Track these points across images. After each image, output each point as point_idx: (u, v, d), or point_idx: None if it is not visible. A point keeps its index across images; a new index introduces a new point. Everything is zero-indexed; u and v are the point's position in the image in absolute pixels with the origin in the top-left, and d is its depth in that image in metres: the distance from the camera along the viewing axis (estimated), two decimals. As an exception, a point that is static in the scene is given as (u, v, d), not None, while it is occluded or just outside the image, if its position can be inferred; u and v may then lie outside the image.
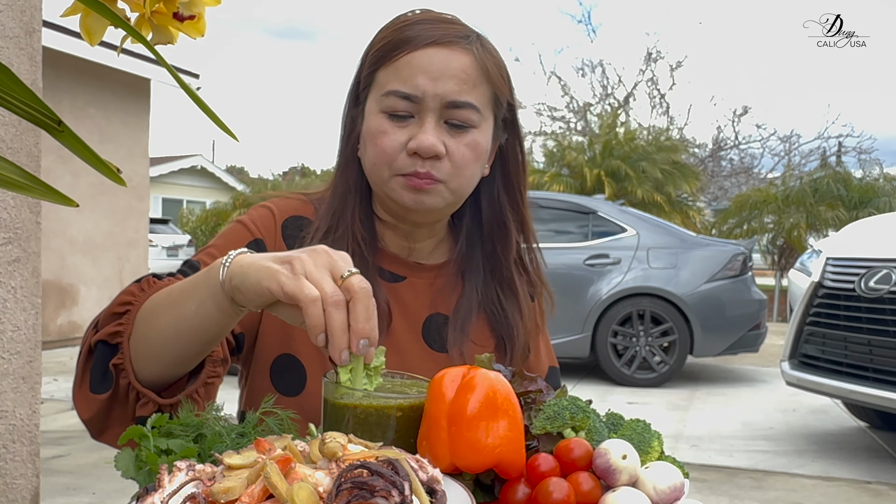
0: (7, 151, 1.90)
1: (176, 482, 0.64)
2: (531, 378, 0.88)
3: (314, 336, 0.77)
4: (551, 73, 22.72)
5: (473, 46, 1.08)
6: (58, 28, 7.66)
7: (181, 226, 20.49)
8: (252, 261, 0.82)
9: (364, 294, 0.78)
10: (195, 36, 0.86)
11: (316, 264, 0.79)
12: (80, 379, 0.95)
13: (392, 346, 1.11)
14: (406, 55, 1.06)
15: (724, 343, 7.05)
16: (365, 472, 0.61)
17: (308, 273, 0.78)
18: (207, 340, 0.90)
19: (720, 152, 22.29)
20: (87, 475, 4.03)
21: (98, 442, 0.97)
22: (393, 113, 1.06)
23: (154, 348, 0.90)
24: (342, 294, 0.77)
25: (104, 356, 0.93)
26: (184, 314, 0.87)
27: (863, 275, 4.32)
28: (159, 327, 0.89)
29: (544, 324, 1.30)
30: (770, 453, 4.81)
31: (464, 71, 1.06)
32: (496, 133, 1.15)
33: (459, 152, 1.07)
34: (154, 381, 0.93)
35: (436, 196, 1.08)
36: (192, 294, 0.87)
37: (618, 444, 0.78)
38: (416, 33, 1.06)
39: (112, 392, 0.92)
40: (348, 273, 0.79)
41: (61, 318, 8.84)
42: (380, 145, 1.07)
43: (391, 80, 1.07)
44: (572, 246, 7.16)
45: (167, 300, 0.90)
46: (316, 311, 0.76)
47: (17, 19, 1.93)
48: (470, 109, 1.07)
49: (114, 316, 0.93)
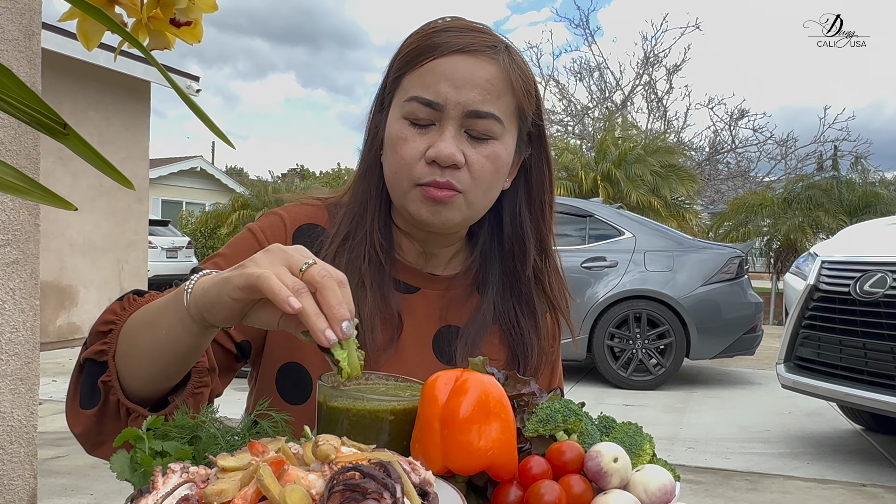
0: (6, 153, 1.90)
1: (170, 484, 0.65)
2: (524, 381, 0.89)
3: (281, 302, 0.73)
4: (549, 77, 22.69)
5: (500, 56, 1.06)
6: (57, 30, 7.66)
7: (181, 227, 20.47)
8: (211, 279, 0.82)
9: (328, 280, 0.76)
10: (191, 42, 0.86)
11: (271, 262, 0.77)
12: (71, 394, 0.97)
13: (400, 356, 1.10)
14: (431, 61, 1.05)
15: (721, 346, 7.07)
16: (357, 474, 0.61)
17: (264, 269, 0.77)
18: (182, 359, 0.90)
19: (717, 156, 22.32)
20: (84, 476, 4.03)
21: (93, 456, 0.98)
22: (414, 120, 1.05)
23: (135, 367, 0.91)
24: (303, 284, 0.76)
25: (93, 373, 0.94)
26: (157, 336, 0.87)
27: (858, 278, 4.33)
28: (137, 347, 0.90)
29: (559, 346, 1.27)
30: (765, 455, 4.83)
31: (488, 81, 1.04)
32: (519, 146, 1.13)
33: (479, 163, 1.05)
34: (142, 395, 0.94)
35: (453, 210, 1.06)
36: (163, 317, 0.87)
37: (609, 447, 0.79)
38: (444, 40, 1.05)
39: (101, 407, 0.93)
40: (306, 265, 0.77)
41: (60, 319, 8.84)
42: (399, 153, 1.06)
43: (414, 86, 1.05)
44: (569, 249, 7.17)
45: (142, 321, 0.91)
46: (275, 283, 0.74)
47: (16, 22, 1.94)
48: (492, 120, 1.05)
49: (99, 335, 0.94)
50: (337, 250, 1.11)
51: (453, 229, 1.12)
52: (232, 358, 1.09)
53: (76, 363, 0.97)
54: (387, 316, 1.10)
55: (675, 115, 24.71)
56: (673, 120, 22.68)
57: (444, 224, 1.08)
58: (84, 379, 0.95)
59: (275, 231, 1.13)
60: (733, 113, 22.51)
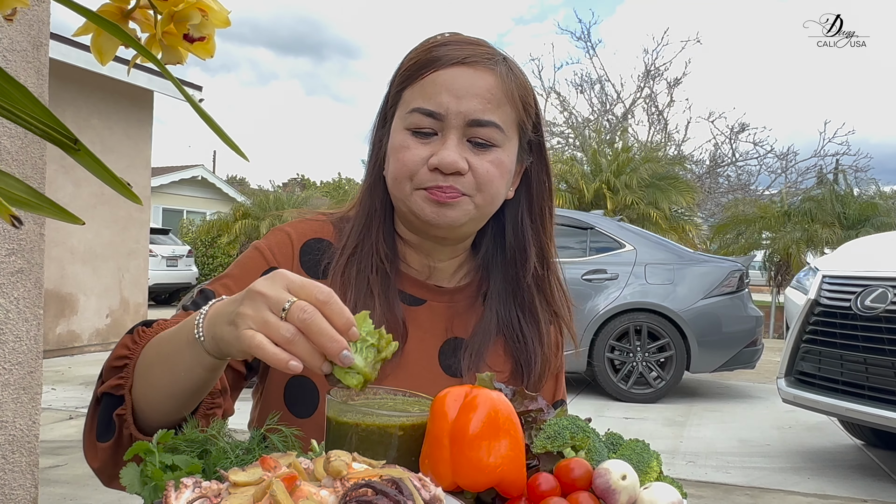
0: (13, 163, 1.91)
1: (182, 499, 0.65)
2: (532, 397, 0.89)
3: (283, 368, 0.76)
4: (550, 89, 22.77)
5: (499, 67, 1.08)
6: (62, 39, 7.70)
7: (181, 236, 20.49)
8: (220, 318, 0.81)
9: (310, 320, 0.75)
10: (204, 57, 0.87)
11: (256, 310, 0.77)
12: (88, 427, 0.97)
13: (406, 369, 1.11)
14: (432, 73, 1.07)
15: (721, 359, 7.07)
16: (370, 490, 0.62)
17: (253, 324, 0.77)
18: (199, 391, 0.90)
19: (717, 169, 22.38)
20: (84, 486, 4.02)
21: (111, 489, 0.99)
22: (416, 129, 1.07)
23: (153, 402, 0.92)
24: (292, 328, 0.76)
25: (109, 406, 0.95)
26: (174, 374, 0.88)
27: (859, 293, 4.34)
28: (154, 385, 0.90)
29: (563, 357, 1.28)
30: (766, 470, 4.82)
31: (488, 90, 1.06)
32: (521, 155, 1.14)
33: (483, 168, 1.07)
34: (158, 425, 0.94)
35: (459, 210, 1.07)
36: (178, 357, 0.87)
37: (617, 465, 0.79)
38: (443, 53, 1.07)
39: (116, 440, 0.94)
40: (284, 310, 0.76)
41: (60, 327, 8.83)
42: (401, 159, 1.07)
43: (416, 98, 1.07)
44: (570, 261, 7.18)
45: (158, 357, 0.91)
46: (270, 350, 0.75)
47: (24, 33, 1.95)
48: (493, 128, 1.07)
49: (114, 370, 0.95)
50: (347, 262, 1.13)
51: (459, 232, 1.12)
52: (241, 377, 1.10)
53: (93, 396, 0.98)
54: (393, 326, 1.11)
55: (676, 129, 24.82)
56: (673, 133, 22.77)
57: (451, 224, 1.08)
58: (101, 412, 0.96)
59: (282, 249, 1.14)
60: (734, 126, 22.63)
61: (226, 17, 0.87)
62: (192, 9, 0.70)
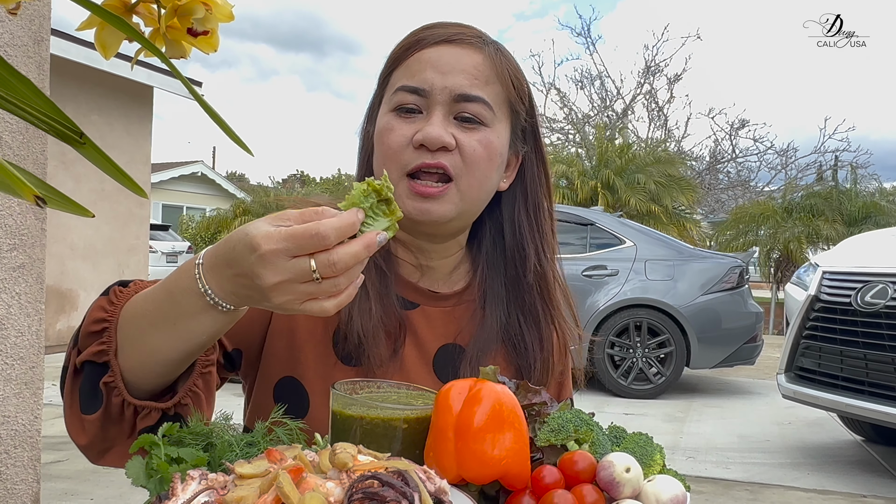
0: (14, 158, 1.91)
1: (189, 491, 0.66)
2: (535, 390, 0.89)
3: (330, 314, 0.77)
4: (550, 85, 22.75)
5: (487, 48, 1.05)
6: (62, 35, 7.69)
7: (181, 232, 20.51)
8: (229, 285, 0.78)
9: (340, 266, 0.73)
10: (208, 51, 0.87)
11: (292, 291, 0.74)
12: (69, 401, 0.91)
13: (401, 374, 1.07)
14: (417, 52, 1.04)
15: (721, 355, 7.07)
16: (376, 482, 0.62)
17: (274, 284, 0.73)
18: (201, 347, 0.86)
19: (717, 165, 22.37)
20: (85, 481, 4.02)
21: (99, 466, 0.94)
22: (401, 106, 1.03)
23: (145, 362, 0.87)
24: (334, 284, 0.74)
25: (92, 375, 0.89)
26: (172, 328, 0.82)
27: (859, 289, 4.34)
28: (145, 342, 0.85)
29: (567, 360, 1.24)
30: (766, 466, 4.82)
31: (475, 67, 1.03)
32: (514, 142, 1.10)
33: (470, 146, 1.02)
34: (148, 390, 0.90)
35: (444, 203, 1.02)
36: (174, 308, 0.81)
37: (621, 457, 0.79)
38: (429, 34, 1.05)
39: (104, 411, 0.88)
40: (315, 270, 0.73)
41: (60, 323, 8.84)
42: (386, 142, 1.03)
43: (401, 78, 1.04)
44: (570, 257, 7.18)
45: (148, 319, 0.85)
46: (339, 304, 0.75)
47: (25, 28, 1.95)
48: (480, 104, 1.02)
49: (92, 335, 0.89)
50: None
51: (446, 228, 1.08)
52: (220, 367, 1.04)
53: (69, 368, 0.91)
54: (390, 328, 1.07)
55: (676, 125, 24.80)
56: (673, 129, 22.76)
57: (435, 221, 1.04)
58: (83, 383, 0.89)
59: None
60: (734, 123, 22.61)
61: (229, 12, 0.87)
62: (196, 3, 0.70)
